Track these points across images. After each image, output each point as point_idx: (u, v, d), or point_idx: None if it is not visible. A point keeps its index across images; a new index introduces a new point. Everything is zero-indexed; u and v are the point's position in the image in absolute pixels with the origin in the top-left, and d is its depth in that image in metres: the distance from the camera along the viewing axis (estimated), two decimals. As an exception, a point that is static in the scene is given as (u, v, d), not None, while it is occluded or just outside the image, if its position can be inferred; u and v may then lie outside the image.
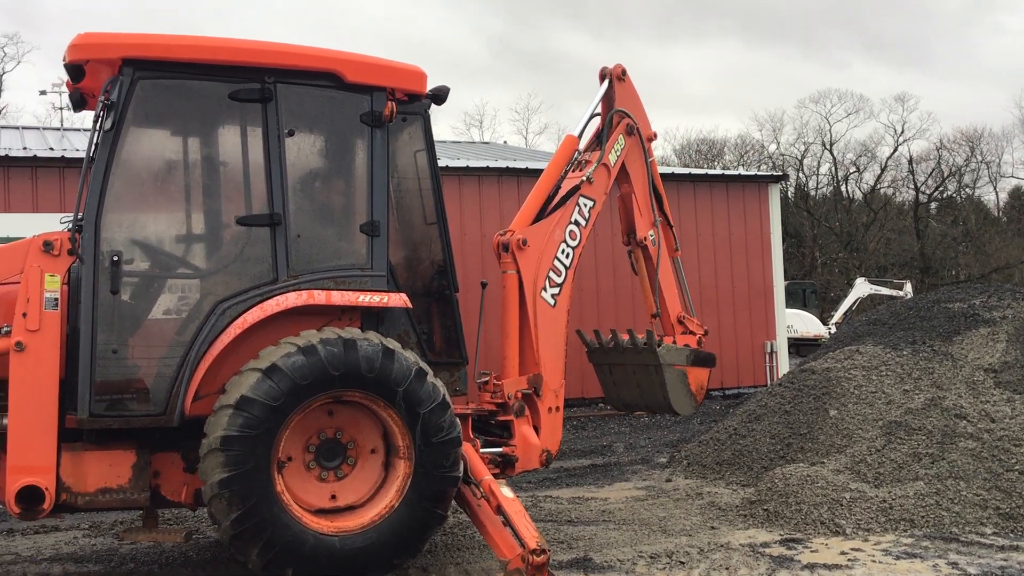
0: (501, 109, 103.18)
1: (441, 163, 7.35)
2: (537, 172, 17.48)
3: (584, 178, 7.81)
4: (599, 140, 8.14)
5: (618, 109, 8.19)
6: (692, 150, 57.63)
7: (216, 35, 6.97)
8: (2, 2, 62.92)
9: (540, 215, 7.66)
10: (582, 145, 8.19)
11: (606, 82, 8.26)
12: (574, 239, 7.74)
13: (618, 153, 8.10)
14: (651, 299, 8.38)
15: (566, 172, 7.98)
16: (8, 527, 8.39)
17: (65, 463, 5.82)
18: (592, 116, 8.28)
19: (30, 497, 5.66)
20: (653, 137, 8.49)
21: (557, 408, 7.47)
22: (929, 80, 79.08)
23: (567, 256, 7.67)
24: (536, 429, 7.30)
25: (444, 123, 65.38)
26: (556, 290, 7.58)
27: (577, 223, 7.77)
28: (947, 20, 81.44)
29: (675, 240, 8.57)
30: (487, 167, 17.19)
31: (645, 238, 8.29)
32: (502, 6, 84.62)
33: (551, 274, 7.56)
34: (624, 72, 8.30)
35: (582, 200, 7.81)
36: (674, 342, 8.16)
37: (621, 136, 8.16)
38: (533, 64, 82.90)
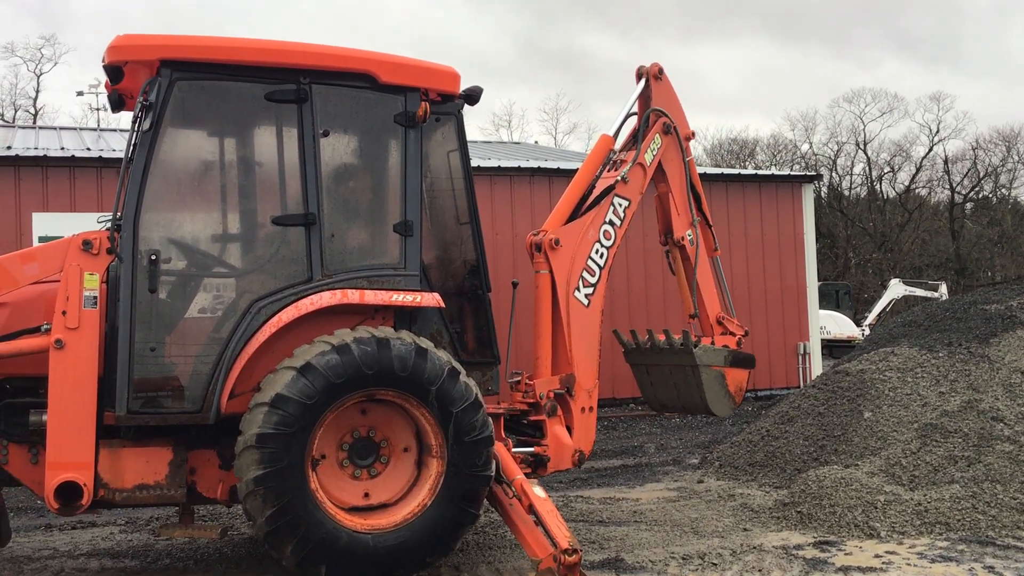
0: (529, 109, 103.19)
1: (473, 163, 7.37)
2: (568, 172, 17.52)
3: (619, 178, 7.78)
4: (635, 140, 8.10)
5: (655, 108, 8.14)
6: (724, 150, 57.35)
7: (241, 35, 7.05)
8: (31, 4, 63.85)
9: (574, 215, 7.65)
10: (618, 145, 8.16)
11: (642, 81, 8.23)
12: (608, 239, 7.70)
13: (654, 152, 8.05)
14: (689, 299, 8.29)
15: (600, 172, 7.95)
16: (46, 522, 8.51)
17: (103, 459, 5.89)
18: (628, 116, 8.23)
19: (69, 493, 5.74)
20: (691, 136, 8.40)
21: (591, 408, 7.43)
22: (961, 79, 78.11)
23: (601, 256, 7.65)
24: (569, 429, 7.28)
25: (472, 124, 65.54)
26: (590, 290, 7.55)
27: (612, 223, 7.74)
28: (978, 18, 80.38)
29: (714, 240, 8.48)
30: (519, 167, 17.21)
31: (682, 238, 8.20)
32: (525, 5, 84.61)
33: (584, 274, 7.54)
34: (661, 71, 8.24)
35: (617, 200, 7.78)
36: (712, 343, 8.09)
37: (658, 135, 8.09)
38: (557, 64, 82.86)
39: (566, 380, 7.35)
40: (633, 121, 8.26)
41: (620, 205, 7.79)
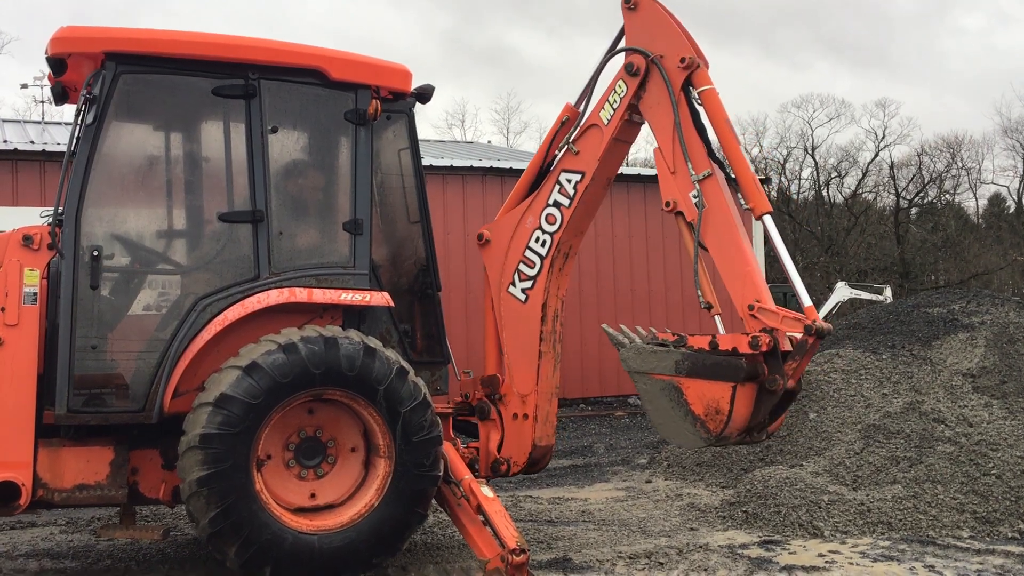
0: (481, 109, 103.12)
1: (425, 162, 7.31)
2: (520, 172, 17.54)
3: (566, 148, 6.69)
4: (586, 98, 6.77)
5: (626, 47, 6.50)
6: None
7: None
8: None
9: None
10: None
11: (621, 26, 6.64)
12: (552, 223, 6.67)
13: (615, 105, 6.50)
14: (703, 284, 6.29)
15: (552, 146, 6.91)
16: (-17, 523, 8.32)
17: (42, 459, 5.77)
18: (597, 71, 6.79)
19: (6, 493, 5.62)
20: (693, 62, 6.22)
21: (525, 416, 6.77)
22: (893, 85, 79.31)
23: (543, 244, 6.69)
24: (503, 435, 6.87)
25: (425, 122, 65.29)
26: (528, 284, 6.73)
27: (557, 204, 6.65)
28: (904, 21, 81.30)
29: (739, 196, 6.26)
30: (471, 166, 17.22)
31: (669, 203, 6.29)
32: (449, 2, 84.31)
33: (521, 267, 6.78)
34: None
35: (564, 176, 6.65)
36: (713, 345, 5.91)
37: (621, 81, 6.47)
38: (485, 61, 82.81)
39: (487, 382, 6.91)
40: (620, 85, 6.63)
41: (569, 181, 6.59)
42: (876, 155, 56.25)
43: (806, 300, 5.87)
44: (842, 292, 36.18)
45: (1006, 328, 10.47)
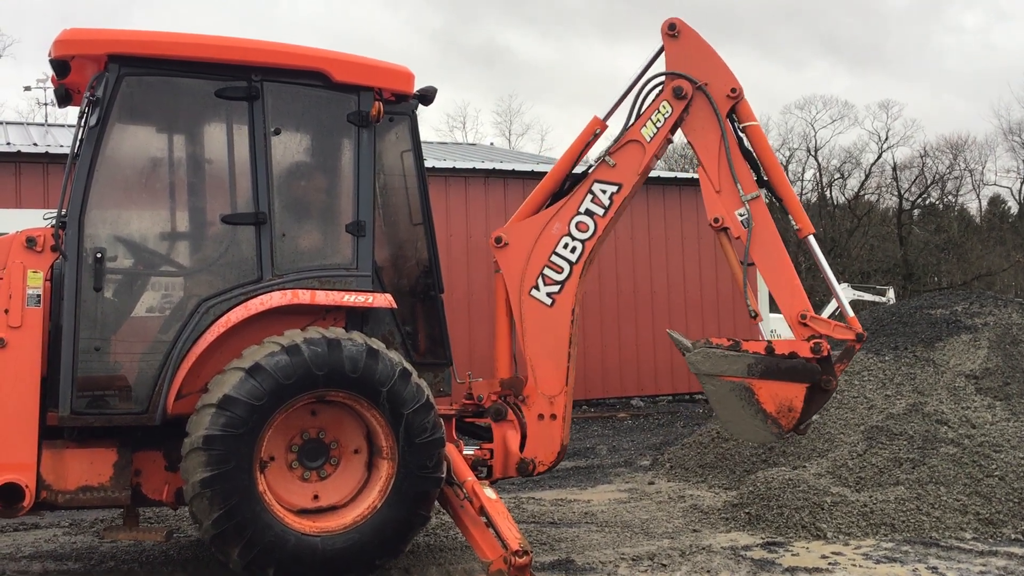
0: (482, 111, 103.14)
1: (427, 164, 7.30)
2: (523, 174, 17.61)
3: (597, 160, 7.07)
4: (630, 114, 7.25)
5: (669, 71, 7.11)
6: (677, 154, 57.83)
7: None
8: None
9: (552, 205, 7.16)
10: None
11: (656, 48, 7.20)
12: (584, 231, 7.01)
13: (659, 124, 7.05)
14: (750, 295, 7.02)
15: (579, 157, 7.29)
16: (-13, 525, 8.33)
17: (46, 461, 5.78)
18: (639, 90, 7.24)
19: (10, 495, 5.62)
20: (736, 92, 7.08)
21: (553, 416, 6.92)
22: (891, 81, 78.85)
23: (573, 251, 7.00)
24: (524, 436, 6.96)
25: (425, 125, 65.24)
26: (555, 288, 6.98)
27: (590, 212, 7.01)
28: (900, 19, 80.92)
29: (794, 217, 7.08)
30: (473, 168, 17.23)
31: (716, 220, 7.01)
32: (441, 1, 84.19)
33: (547, 271, 7.00)
34: (674, 26, 7.11)
35: (598, 186, 7.04)
36: (768, 348, 6.81)
37: (666, 102, 7.05)
38: (478, 62, 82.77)
39: (508, 383, 7.01)
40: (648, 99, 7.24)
41: (604, 192, 7.02)
42: (879, 156, 56.23)
43: (850, 311, 6.94)
44: (845, 294, 36.03)
45: (1009, 329, 10.46)
